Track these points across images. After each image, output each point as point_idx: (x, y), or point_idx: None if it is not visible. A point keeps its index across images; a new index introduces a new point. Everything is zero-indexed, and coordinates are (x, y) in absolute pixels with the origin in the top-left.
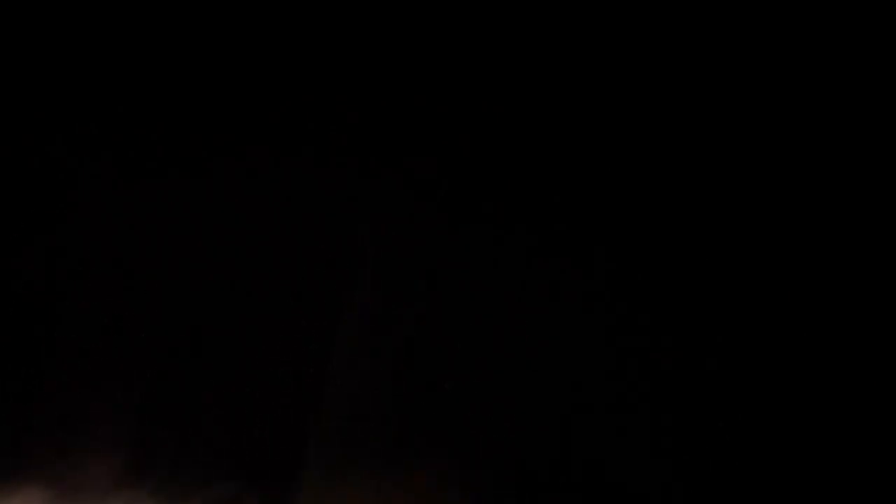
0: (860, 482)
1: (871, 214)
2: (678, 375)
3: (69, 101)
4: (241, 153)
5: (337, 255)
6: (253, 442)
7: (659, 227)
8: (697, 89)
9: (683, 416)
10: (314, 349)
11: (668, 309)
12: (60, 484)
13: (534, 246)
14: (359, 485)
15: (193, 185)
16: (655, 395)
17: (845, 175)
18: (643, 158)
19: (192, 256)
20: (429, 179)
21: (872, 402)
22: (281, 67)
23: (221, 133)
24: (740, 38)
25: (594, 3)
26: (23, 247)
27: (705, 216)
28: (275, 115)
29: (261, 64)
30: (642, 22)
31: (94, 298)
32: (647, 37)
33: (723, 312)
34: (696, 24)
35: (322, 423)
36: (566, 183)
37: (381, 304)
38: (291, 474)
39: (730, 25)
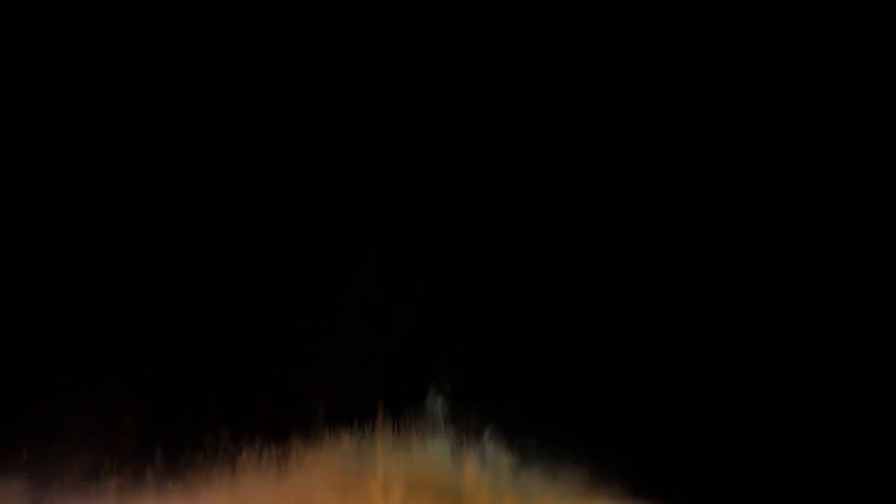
0: (860, 481)
1: (871, 215)
2: (678, 375)
3: (69, 101)
4: (241, 153)
5: (337, 255)
6: (250, 440)
7: (659, 228)
8: (697, 91)
9: (683, 416)
10: (314, 348)
11: (668, 309)
12: (57, 480)
13: (534, 246)
14: None
15: (193, 185)
16: (655, 395)
17: (845, 175)
18: (643, 159)
19: (192, 256)
20: (429, 179)
21: (872, 402)
22: (281, 68)
23: (221, 133)
24: (740, 39)
25: (594, 5)
26: (23, 247)
27: (705, 217)
28: (275, 115)
29: (261, 64)
30: (642, 23)
31: (94, 298)
32: (647, 38)
33: (723, 312)
34: (695, 25)
35: (321, 421)
36: (566, 183)
37: (381, 304)
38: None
39: (729, 26)
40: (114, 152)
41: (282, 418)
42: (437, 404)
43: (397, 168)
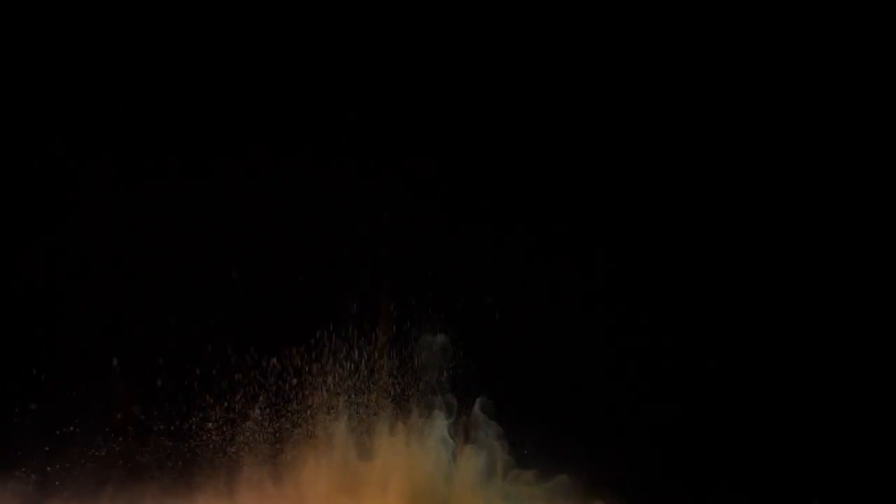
0: (861, 481)
1: (871, 215)
2: (678, 375)
3: (69, 101)
4: (241, 153)
5: (337, 255)
6: (248, 444)
7: (659, 228)
8: (697, 90)
9: (683, 416)
10: (314, 348)
11: (668, 309)
12: (58, 482)
13: (534, 246)
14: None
15: (193, 185)
16: (655, 395)
17: (845, 175)
18: (643, 159)
19: (192, 256)
20: (429, 179)
21: (872, 402)
22: (281, 67)
23: (221, 133)
24: (740, 39)
25: (593, 4)
26: (23, 247)
27: (705, 216)
28: (275, 115)
29: (260, 64)
30: (641, 22)
31: (94, 298)
32: (647, 37)
33: (722, 312)
34: (695, 24)
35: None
36: (566, 183)
37: (380, 305)
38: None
39: (729, 26)
40: (114, 152)
41: (279, 422)
42: (435, 404)
43: (397, 168)
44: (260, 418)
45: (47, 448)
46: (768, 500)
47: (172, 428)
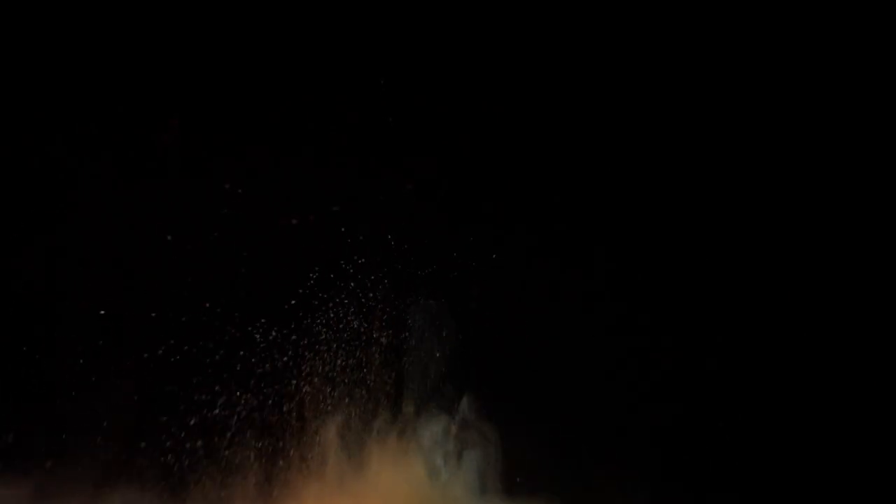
0: (861, 481)
1: (871, 215)
2: (678, 375)
3: (69, 101)
4: (241, 153)
5: (337, 255)
6: (246, 444)
7: (658, 228)
8: (696, 90)
9: (683, 416)
10: (313, 348)
11: (668, 309)
12: (57, 482)
13: (534, 246)
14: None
15: (193, 185)
16: (655, 395)
17: (844, 175)
18: (642, 159)
19: (192, 256)
20: (429, 179)
21: (872, 402)
22: (281, 67)
23: (221, 133)
24: (740, 39)
25: (593, 4)
26: (23, 247)
27: (704, 216)
28: (275, 115)
29: (261, 64)
30: (641, 22)
31: (94, 298)
32: (647, 37)
33: (722, 312)
34: (695, 24)
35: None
36: (566, 183)
37: (380, 305)
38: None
39: (729, 26)
40: (114, 152)
41: (276, 425)
42: (434, 405)
43: (397, 168)
44: (260, 417)
45: (47, 448)
46: (768, 500)
47: (173, 427)
